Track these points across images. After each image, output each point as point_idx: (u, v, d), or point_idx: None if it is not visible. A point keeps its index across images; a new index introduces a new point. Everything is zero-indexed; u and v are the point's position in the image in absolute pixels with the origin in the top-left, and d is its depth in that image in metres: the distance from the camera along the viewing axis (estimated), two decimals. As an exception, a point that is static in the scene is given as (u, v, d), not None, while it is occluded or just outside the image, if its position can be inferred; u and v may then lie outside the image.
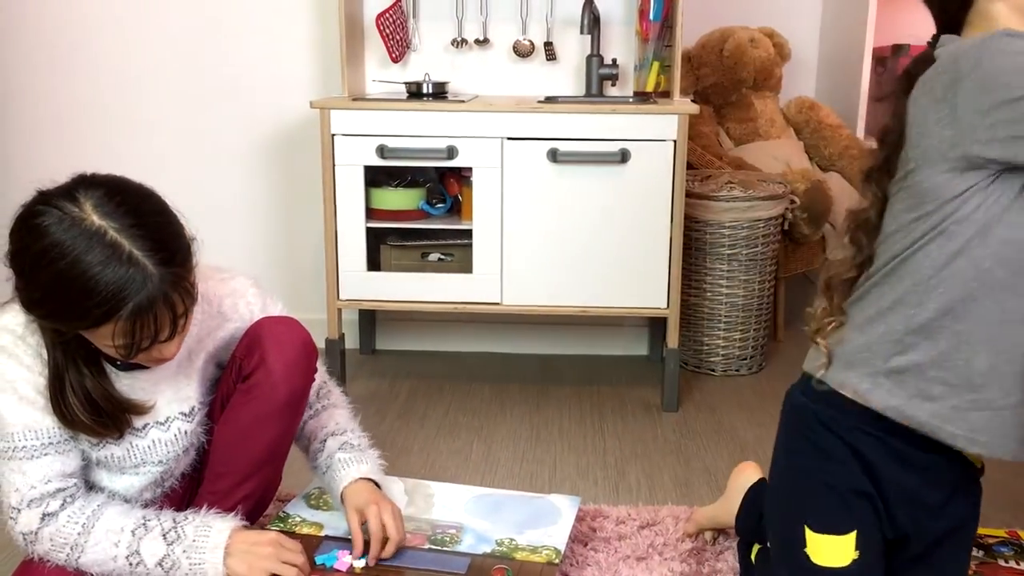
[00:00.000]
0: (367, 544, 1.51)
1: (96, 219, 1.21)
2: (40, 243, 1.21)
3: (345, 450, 1.59)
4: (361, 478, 1.56)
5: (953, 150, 1.18)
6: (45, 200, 1.23)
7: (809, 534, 1.33)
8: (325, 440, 1.60)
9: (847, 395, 1.29)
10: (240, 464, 1.49)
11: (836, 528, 1.31)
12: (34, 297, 1.25)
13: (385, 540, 1.51)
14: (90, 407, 1.36)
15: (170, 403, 1.46)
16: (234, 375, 1.51)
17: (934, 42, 1.28)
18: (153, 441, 1.45)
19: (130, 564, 1.37)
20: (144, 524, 1.38)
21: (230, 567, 1.38)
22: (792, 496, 1.38)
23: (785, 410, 1.41)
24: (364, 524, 1.52)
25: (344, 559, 1.51)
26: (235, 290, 1.54)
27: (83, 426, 1.36)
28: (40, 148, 2.87)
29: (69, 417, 1.35)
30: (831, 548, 1.31)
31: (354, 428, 1.65)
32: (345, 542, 1.58)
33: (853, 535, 1.30)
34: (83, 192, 1.23)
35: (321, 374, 1.69)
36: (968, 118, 1.16)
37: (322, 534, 1.60)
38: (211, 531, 1.39)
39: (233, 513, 1.44)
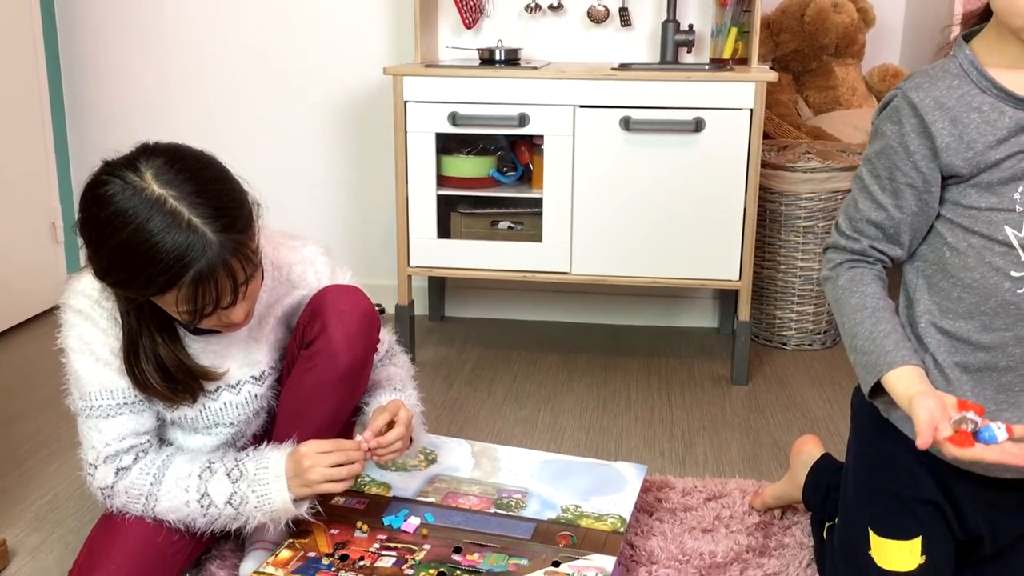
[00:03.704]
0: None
1: (156, 188, 1.23)
2: (104, 212, 1.23)
3: (385, 389, 1.60)
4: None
5: None
6: (109, 170, 1.25)
7: (874, 537, 1.31)
8: (371, 387, 1.61)
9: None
10: (304, 429, 1.51)
11: (901, 533, 1.29)
12: (102, 265, 1.28)
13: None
14: (163, 374, 1.39)
15: (241, 367, 1.49)
16: (297, 342, 1.53)
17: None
18: (224, 404, 1.49)
19: (202, 507, 1.41)
20: (209, 467, 1.43)
21: (294, 492, 1.41)
22: (858, 499, 1.36)
23: (853, 408, 1.38)
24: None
25: (411, 520, 1.54)
26: (304, 258, 1.55)
27: (156, 392, 1.40)
28: (116, 118, 2.95)
29: (143, 382, 1.39)
30: (896, 553, 1.29)
31: (404, 380, 1.65)
32: (414, 503, 1.60)
33: (918, 540, 1.28)
34: (144, 161, 1.25)
35: (389, 342, 1.70)
36: None
37: (390, 495, 1.63)
38: (269, 462, 1.42)
39: (289, 441, 1.46)
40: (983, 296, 1.18)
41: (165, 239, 1.21)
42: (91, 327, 1.39)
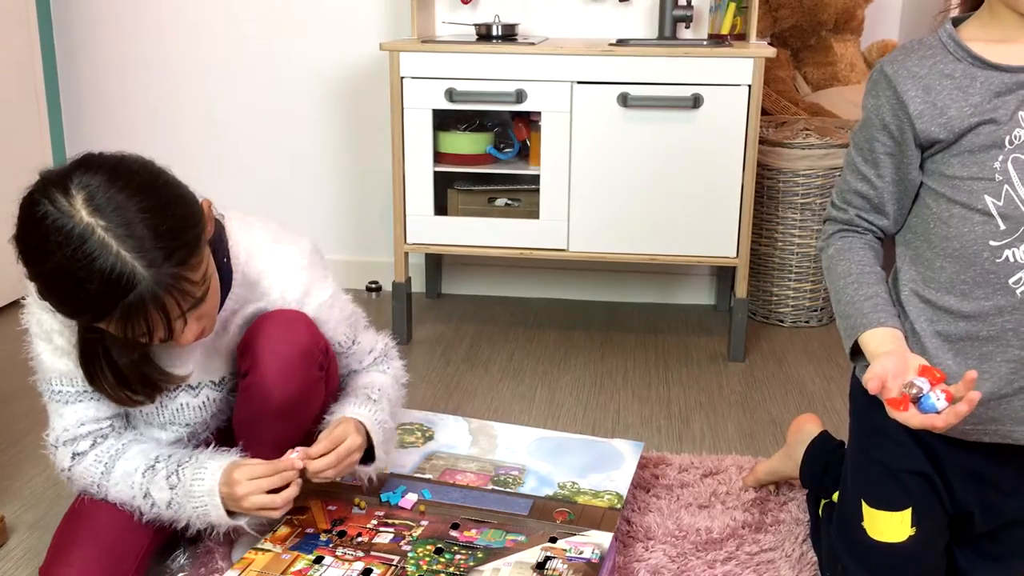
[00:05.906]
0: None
1: (85, 215, 1.13)
2: (32, 236, 1.16)
3: (357, 398, 1.49)
4: (350, 417, 1.44)
5: None
6: (43, 187, 1.16)
7: (866, 508, 1.33)
8: (346, 393, 1.52)
9: None
10: (257, 446, 1.44)
11: (891, 505, 1.30)
12: (35, 287, 1.22)
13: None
14: (118, 376, 1.33)
15: (202, 371, 1.44)
16: (237, 366, 1.46)
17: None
18: (182, 404, 1.46)
19: (147, 503, 1.39)
20: (153, 466, 1.39)
21: (230, 507, 1.35)
22: (853, 471, 1.38)
23: (852, 381, 1.39)
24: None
25: (409, 496, 1.54)
26: (281, 268, 1.44)
27: (110, 395, 1.35)
28: (111, 98, 2.93)
29: (99, 385, 1.34)
30: (886, 524, 1.30)
31: (383, 388, 1.54)
32: (411, 480, 1.61)
33: (908, 512, 1.29)
34: (78, 181, 1.15)
35: (384, 345, 1.61)
36: None
37: (388, 471, 1.64)
38: (205, 474, 1.36)
39: (233, 451, 1.40)
40: (964, 265, 1.19)
41: (91, 273, 1.12)
42: (50, 316, 1.34)
